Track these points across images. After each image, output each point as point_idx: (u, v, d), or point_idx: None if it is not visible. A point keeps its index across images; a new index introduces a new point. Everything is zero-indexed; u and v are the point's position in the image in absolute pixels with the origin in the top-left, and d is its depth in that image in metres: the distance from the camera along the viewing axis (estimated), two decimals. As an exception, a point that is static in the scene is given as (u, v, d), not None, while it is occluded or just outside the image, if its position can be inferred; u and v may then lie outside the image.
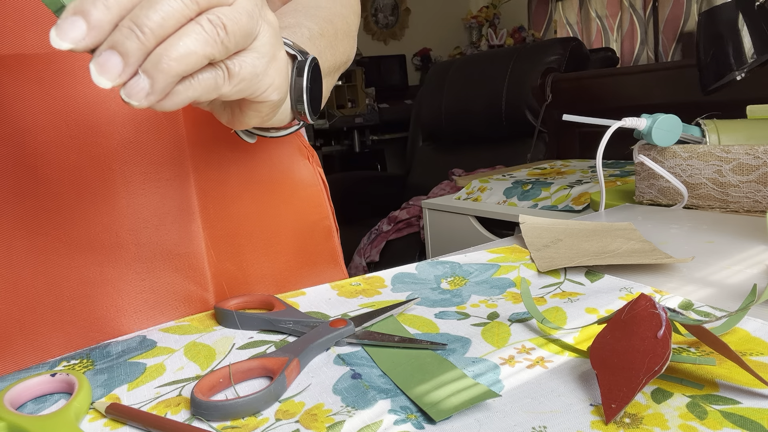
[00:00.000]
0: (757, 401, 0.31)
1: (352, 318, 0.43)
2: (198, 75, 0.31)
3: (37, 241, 0.43)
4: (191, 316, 0.48)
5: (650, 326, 0.33)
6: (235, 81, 0.32)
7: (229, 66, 0.32)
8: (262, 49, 0.33)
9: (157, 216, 0.47)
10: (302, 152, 0.60)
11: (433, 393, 0.33)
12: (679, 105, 1.21)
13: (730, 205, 0.72)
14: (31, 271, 0.43)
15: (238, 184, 0.53)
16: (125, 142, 0.46)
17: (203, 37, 0.29)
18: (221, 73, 0.32)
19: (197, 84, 0.31)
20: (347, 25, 0.57)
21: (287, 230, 0.57)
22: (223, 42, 0.30)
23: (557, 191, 1.48)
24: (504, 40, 4.14)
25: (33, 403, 0.36)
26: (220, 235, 0.52)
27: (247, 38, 0.32)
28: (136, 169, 0.46)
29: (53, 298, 0.44)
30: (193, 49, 0.29)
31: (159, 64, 0.28)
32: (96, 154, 0.45)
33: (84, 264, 0.45)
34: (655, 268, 0.52)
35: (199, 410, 0.33)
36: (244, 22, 0.31)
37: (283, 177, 0.57)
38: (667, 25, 3.47)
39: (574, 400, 0.32)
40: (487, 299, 0.48)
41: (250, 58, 0.33)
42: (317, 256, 0.60)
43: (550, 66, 2.41)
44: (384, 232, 2.35)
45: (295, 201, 0.58)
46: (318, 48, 0.49)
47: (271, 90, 0.36)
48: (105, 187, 0.45)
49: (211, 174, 0.51)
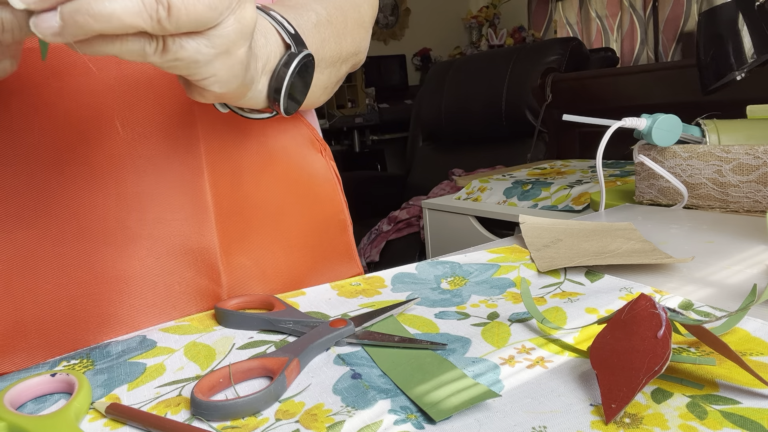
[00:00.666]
0: (757, 401, 0.31)
1: (352, 318, 0.43)
2: (125, 37, 0.28)
3: (50, 238, 0.43)
4: (191, 316, 0.48)
5: (650, 326, 0.33)
6: (168, 57, 0.30)
7: (168, 43, 0.30)
8: (216, 40, 0.31)
9: (170, 211, 0.47)
10: (315, 146, 0.59)
11: (433, 393, 0.33)
12: (679, 105, 1.21)
13: (730, 205, 0.72)
14: (47, 268, 0.43)
15: (252, 178, 0.52)
16: (137, 137, 0.45)
17: (137, 8, 0.27)
18: (154, 45, 0.29)
19: (118, 46, 0.28)
20: (360, 15, 0.55)
21: (302, 224, 0.56)
22: (161, 21, 0.28)
23: (557, 191, 1.48)
24: (504, 40, 4.14)
25: (33, 403, 0.36)
26: (234, 229, 0.51)
27: (198, 25, 0.29)
28: (149, 163, 0.46)
29: (68, 295, 0.44)
30: (119, 15, 0.26)
31: (75, 14, 0.26)
32: (108, 149, 0.44)
33: (98, 260, 0.45)
34: (655, 268, 0.52)
35: (199, 410, 0.33)
36: (199, 10, 0.28)
37: (298, 171, 0.56)
38: (667, 25, 3.47)
39: (574, 400, 0.32)
40: (487, 299, 0.48)
41: (195, 44, 0.30)
42: (332, 250, 0.60)
43: (550, 66, 2.41)
44: (384, 232, 2.35)
45: (310, 195, 0.57)
46: (322, 36, 0.47)
47: (212, 81, 0.34)
48: (117, 183, 0.45)
49: (224, 168, 0.50)
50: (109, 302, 0.45)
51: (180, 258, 0.48)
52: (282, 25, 0.42)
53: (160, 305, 0.47)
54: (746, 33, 0.87)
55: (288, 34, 0.41)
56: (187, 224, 0.48)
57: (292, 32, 0.42)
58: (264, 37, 0.40)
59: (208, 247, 0.49)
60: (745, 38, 0.87)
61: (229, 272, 0.51)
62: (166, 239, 0.47)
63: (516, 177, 1.71)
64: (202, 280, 0.49)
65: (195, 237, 0.48)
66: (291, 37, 0.42)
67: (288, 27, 0.42)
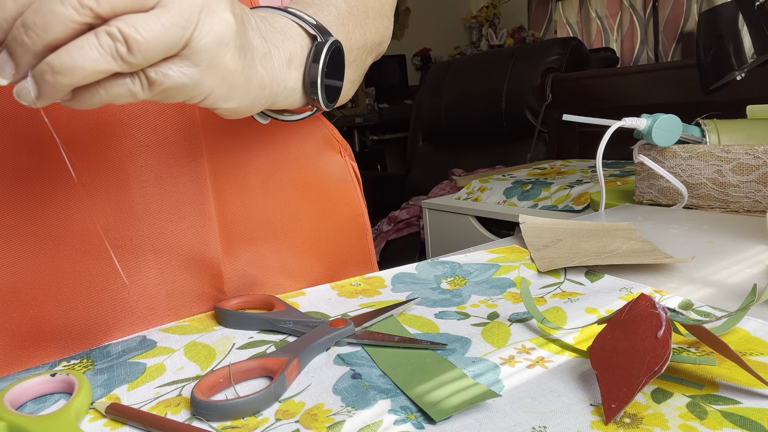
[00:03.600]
0: (757, 401, 0.31)
1: (352, 318, 0.43)
2: (106, 83, 0.28)
3: (49, 250, 0.43)
4: (191, 317, 0.48)
5: (650, 326, 0.33)
6: (157, 90, 0.29)
7: (150, 76, 0.29)
8: (194, 58, 0.30)
9: (172, 221, 0.46)
10: (333, 146, 0.58)
11: (433, 393, 0.33)
12: (679, 105, 1.21)
13: (730, 205, 0.72)
14: (45, 281, 0.43)
15: (258, 185, 0.51)
16: (140, 145, 0.45)
17: (95, 53, 0.26)
18: (138, 82, 0.29)
19: (104, 92, 0.28)
20: (380, 4, 0.54)
21: (315, 231, 0.55)
22: (124, 58, 0.27)
23: (557, 191, 1.48)
24: (504, 40, 4.14)
25: (33, 403, 0.36)
26: (239, 237, 0.50)
27: (166, 49, 0.28)
28: (151, 172, 0.45)
29: (67, 307, 0.43)
30: (81, 65, 0.26)
31: (44, 75, 0.26)
32: (111, 157, 0.44)
33: (98, 272, 0.44)
34: (655, 268, 0.52)
35: (199, 410, 0.33)
36: (157, 33, 0.27)
37: (310, 175, 0.55)
38: (667, 25, 3.47)
39: (574, 400, 0.32)
40: (487, 299, 0.48)
41: (176, 67, 0.29)
42: (348, 256, 0.58)
43: (550, 66, 2.42)
44: (384, 232, 2.35)
45: (324, 199, 0.56)
46: (346, 28, 0.46)
47: (213, 99, 0.33)
48: (119, 193, 0.44)
49: (229, 177, 0.49)
50: (110, 313, 0.45)
51: (182, 267, 0.47)
52: (301, 18, 0.41)
53: (162, 313, 0.47)
54: (746, 33, 0.87)
55: (310, 25, 0.40)
56: (190, 234, 0.47)
57: (313, 23, 0.41)
58: (281, 33, 0.39)
59: (211, 256, 0.48)
60: (745, 38, 0.87)
61: (233, 279, 0.50)
62: (168, 249, 0.46)
63: (516, 177, 1.71)
64: (205, 287, 0.49)
65: (198, 247, 0.48)
66: (314, 27, 0.41)
67: (308, 19, 0.41)
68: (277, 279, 0.53)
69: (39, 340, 0.43)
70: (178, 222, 0.47)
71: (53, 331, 0.44)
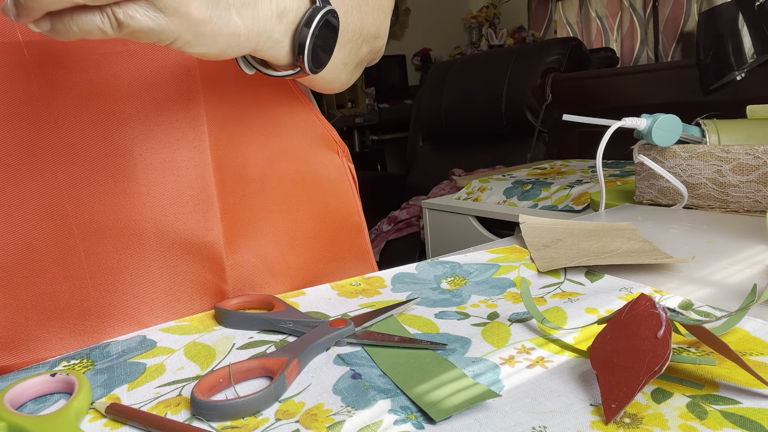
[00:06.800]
0: (757, 401, 0.31)
1: (352, 318, 0.43)
2: (78, 16, 0.30)
3: (56, 228, 0.43)
4: (191, 317, 0.48)
5: (650, 326, 0.33)
6: (126, 31, 0.31)
7: (117, 15, 0.30)
8: (159, 4, 0.31)
9: (176, 205, 0.47)
10: (331, 146, 0.59)
11: (433, 393, 0.33)
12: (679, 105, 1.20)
13: (730, 205, 0.72)
14: (50, 258, 0.43)
15: (257, 176, 0.52)
16: (146, 130, 0.46)
17: None
18: (107, 20, 0.30)
19: (76, 25, 0.30)
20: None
21: (312, 223, 0.56)
22: None
23: (557, 191, 1.48)
24: (504, 40, 4.14)
25: (33, 403, 0.36)
26: (240, 226, 0.51)
27: None
28: (156, 157, 0.46)
29: (70, 285, 0.44)
30: None
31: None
32: (118, 141, 0.45)
33: (102, 251, 0.45)
34: (655, 268, 0.52)
35: (199, 410, 0.33)
36: None
37: (307, 170, 0.56)
38: (667, 25, 3.47)
39: (574, 400, 0.32)
40: (487, 299, 0.48)
41: (143, 12, 0.31)
42: (346, 252, 0.59)
43: (550, 66, 2.42)
44: (384, 232, 2.35)
45: (320, 195, 0.57)
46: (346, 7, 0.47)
47: (180, 44, 0.34)
48: (125, 175, 0.45)
49: (231, 163, 0.51)
50: (112, 294, 0.45)
51: (185, 252, 0.48)
52: None
53: (164, 298, 0.48)
54: (746, 33, 0.87)
55: None
56: (192, 219, 0.48)
57: None
58: None
59: (213, 242, 0.49)
60: (745, 38, 0.87)
61: (235, 268, 0.51)
62: (171, 233, 0.47)
63: (516, 177, 1.71)
64: (207, 275, 0.49)
65: (200, 232, 0.48)
66: None
67: None
68: (278, 271, 0.54)
69: (41, 318, 0.44)
70: (182, 206, 0.48)
71: (55, 309, 0.44)
